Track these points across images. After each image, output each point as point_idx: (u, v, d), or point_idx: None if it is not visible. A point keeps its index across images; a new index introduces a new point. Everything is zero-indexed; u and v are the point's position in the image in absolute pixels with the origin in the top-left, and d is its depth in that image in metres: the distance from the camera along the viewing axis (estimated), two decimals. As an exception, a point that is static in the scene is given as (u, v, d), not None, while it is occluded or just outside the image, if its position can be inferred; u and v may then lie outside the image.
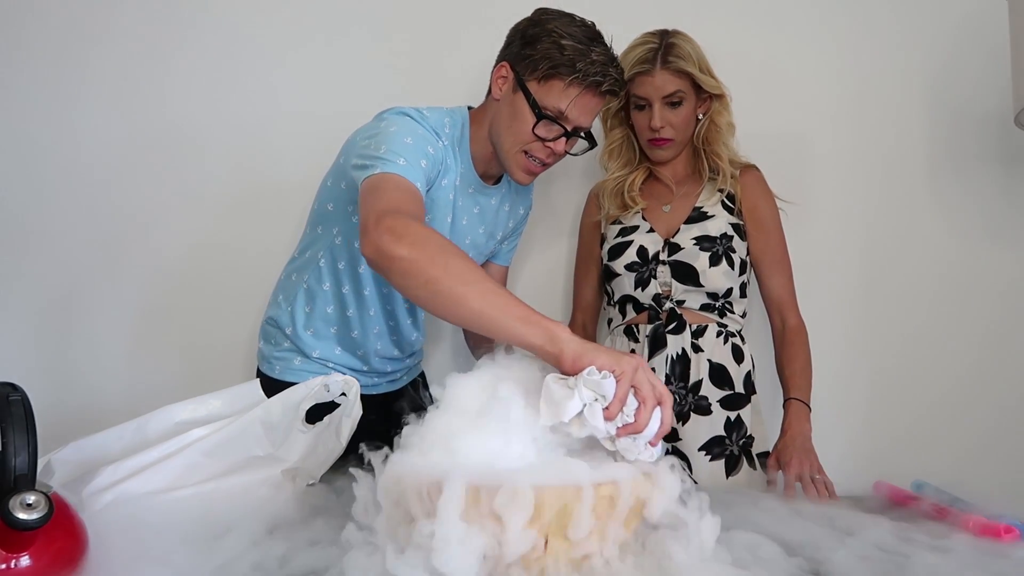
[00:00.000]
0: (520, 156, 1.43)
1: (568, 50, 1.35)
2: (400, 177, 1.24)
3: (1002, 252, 2.00)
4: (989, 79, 1.96)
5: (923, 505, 1.24)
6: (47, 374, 1.83)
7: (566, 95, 1.37)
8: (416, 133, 1.35)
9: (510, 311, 0.99)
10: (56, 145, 1.88)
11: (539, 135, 1.40)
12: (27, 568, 0.73)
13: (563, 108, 1.37)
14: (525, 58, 1.39)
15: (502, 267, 1.76)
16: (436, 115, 1.44)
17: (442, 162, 1.41)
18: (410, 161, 1.28)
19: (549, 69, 1.36)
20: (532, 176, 1.48)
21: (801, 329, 1.67)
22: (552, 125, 1.39)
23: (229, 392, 1.13)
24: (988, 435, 1.96)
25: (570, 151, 1.46)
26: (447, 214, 1.48)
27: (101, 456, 1.02)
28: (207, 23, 1.93)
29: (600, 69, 1.36)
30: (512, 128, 1.41)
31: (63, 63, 1.89)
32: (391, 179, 1.23)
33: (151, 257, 1.90)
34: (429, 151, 1.35)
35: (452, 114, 1.48)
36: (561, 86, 1.36)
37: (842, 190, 2.00)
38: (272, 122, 1.93)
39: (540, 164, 1.45)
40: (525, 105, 1.39)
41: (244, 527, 0.92)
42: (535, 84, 1.38)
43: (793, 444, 1.51)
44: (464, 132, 1.49)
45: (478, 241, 1.59)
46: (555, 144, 1.41)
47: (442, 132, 1.43)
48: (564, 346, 0.94)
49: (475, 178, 1.52)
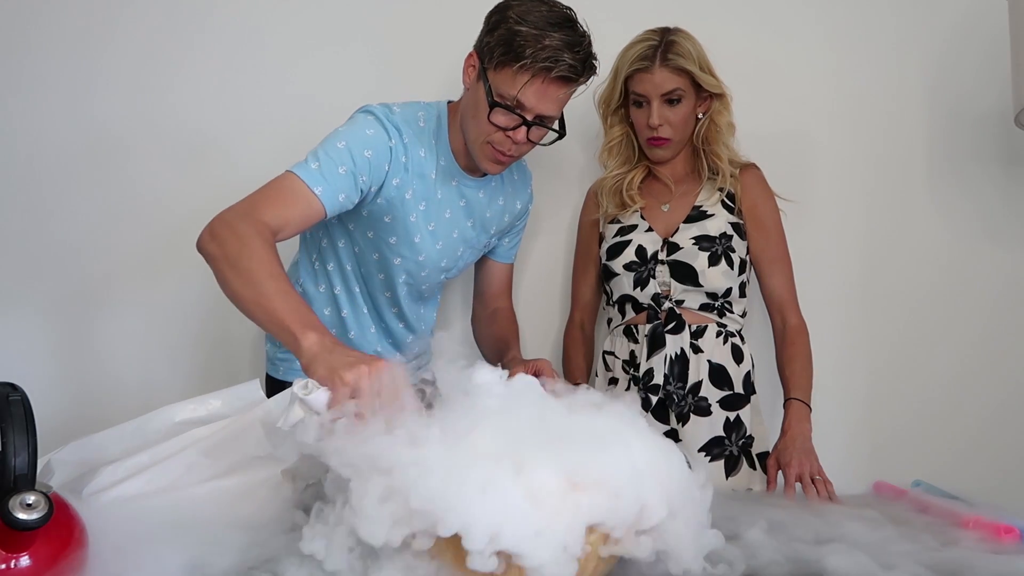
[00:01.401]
0: (486, 146, 1.40)
1: (521, 36, 1.31)
2: (296, 179, 1.29)
3: (1002, 252, 2.00)
4: (989, 79, 1.96)
5: (923, 505, 1.24)
6: (47, 374, 1.83)
7: (517, 81, 1.32)
8: (360, 135, 1.36)
9: (272, 317, 1.06)
10: (63, 143, 1.88)
11: (496, 124, 1.36)
12: (27, 568, 0.73)
13: (515, 94, 1.33)
14: (485, 45, 1.36)
15: (505, 265, 1.74)
16: (408, 111, 1.43)
17: (391, 161, 1.39)
18: (324, 166, 1.30)
19: (502, 56, 1.32)
20: (500, 166, 1.45)
21: (802, 329, 1.67)
22: (509, 114, 1.35)
23: (229, 392, 1.13)
24: (988, 435, 1.96)
25: (536, 141, 1.43)
26: (410, 212, 1.46)
27: (101, 456, 1.02)
28: (212, 23, 1.92)
29: (552, 54, 1.30)
30: (475, 118, 1.39)
31: (69, 62, 1.88)
32: (284, 180, 1.29)
33: (154, 257, 1.90)
34: (365, 154, 1.35)
35: (427, 108, 1.47)
36: (511, 72, 1.32)
37: (842, 189, 2.00)
38: (277, 119, 1.92)
39: (506, 155, 1.42)
40: (484, 94, 1.36)
41: (244, 527, 0.92)
42: (492, 72, 1.35)
43: (793, 445, 1.51)
44: (441, 124, 1.47)
45: (467, 234, 1.57)
46: (514, 133, 1.37)
47: (407, 127, 1.41)
48: (301, 355, 0.99)
49: (457, 170, 1.50)
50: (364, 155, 1.35)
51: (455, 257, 1.57)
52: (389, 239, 1.47)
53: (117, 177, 1.89)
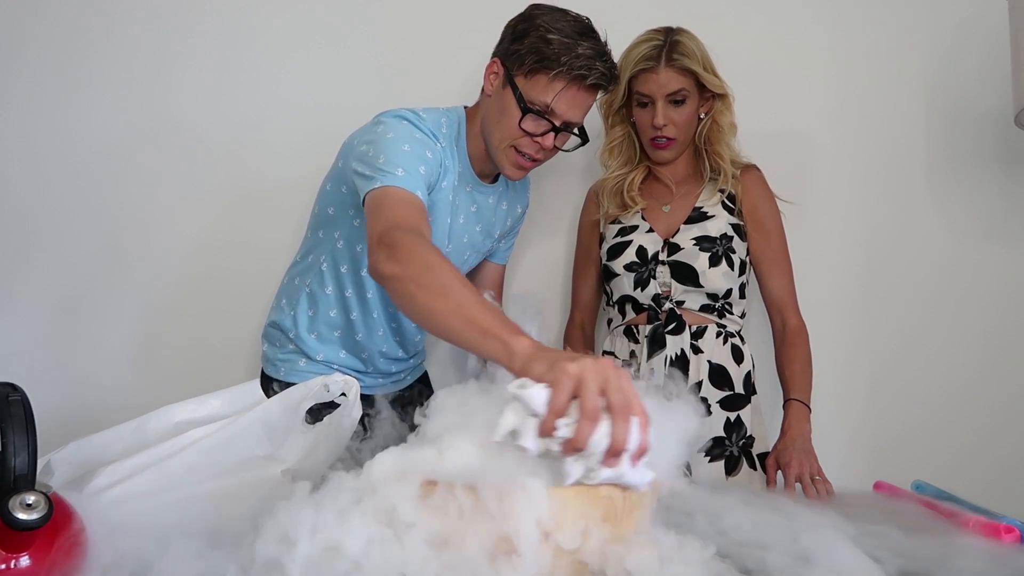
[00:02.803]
0: (510, 151, 1.44)
1: (554, 44, 1.35)
2: (400, 189, 1.26)
3: (1002, 252, 2.00)
4: (989, 79, 1.97)
5: (923, 506, 1.23)
6: (47, 374, 1.83)
7: (551, 89, 1.37)
8: (413, 139, 1.36)
9: (475, 326, 0.98)
10: (58, 145, 1.88)
11: (526, 130, 1.41)
12: (27, 568, 0.73)
13: (548, 102, 1.38)
14: (513, 53, 1.40)
15: (499, 266, 1.76)
16: (433, 116, 1.45)
17: (440, 164, 1.42)
18: (408, 170, 1.29)
19: (535, 63, 1.37)
20: (523, 171, 1.48)
21: (802, 330, 1.67)
22: (539, 120, 1.40)
23: (229, 392, 1.13)
24: (988, 435, 1.96)
25: (560, 147, 1.46)
26: (447, 215, 1.48)
27: (101, 456, 1.01)
28: (209, 23, 1.92)
29: (586, 63, 1.35)
30: (501, 123, 1.42)
31: (65, 63, 1.89)
32: (391, 193, 1.26)
33: (153, 257, 1.90)
34: (427, 156, 1.37)
35: (448, 114, 1.49)
36: (546, 80, 1.37)
37: (842, 190, 2.00)
38: (274, 120, 1.93)
39: (530, 160, 1.45)
40: (513, 100, 1.40)
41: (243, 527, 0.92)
42: (522, 79, 1.39)
43: (793, 445, 1.51)
44: (461, 131, 1.49)
45: (475, 239, 1.59)
46: (543, 139, 1.41)
47: (439, 133, 1.44)
48: (514, 359, 0.90)
49: (472, 176, 1.53)
50: (427, 156, 1.37)
51: (462, 261, 1.59)
52: None
53: (117, 177, 1.90)
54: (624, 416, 0.78)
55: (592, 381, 0.78)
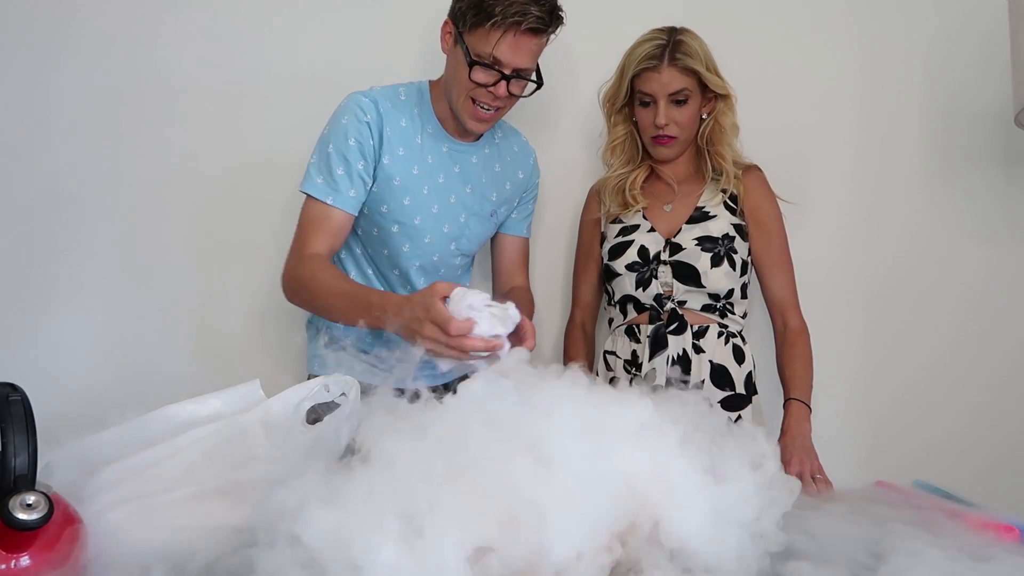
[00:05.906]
0: (467, 104, 1.50)
1: None
2: (313, 201, 1.48)
3: (1002, 252, 2.00)
4: (988, 79, 1.97)
5: (924, 505, 1.23)
6: (47, 374, 1.82)
7: (491, 39, 1.43)
8: (337, 132, 1.49)
9: (353, 310, 1.28)
10: (59, 140, 1.87)
11: (477, 81, 1.46)
12: (27, 568, 0.73)
13: (491, 51, 1.43)
14: (458, 11, 1.47)
15: (516, 238, 1.75)
16: (388, 89, 1.55)
17: (377, 134, 1.50)
18: (326, 176, 1.47)
19: (474, 17, 1.43)
20: (484, 124, 1.54)
21: (803, 330, 1.67)
22: (488, 70, 1.45)
23: (229, 392, 1.13)
24: (988, 435, 1.96)
25: (517, 94, 1.51)
26: (423, 176, 1.55)
27: (101, 456, 1.01)
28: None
29: (519, 8, 1.41)
30: (455, 78, 1.50)
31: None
32: (307, 208, 1.49)
33: (153, 257, 1.89)
34: (350, 144, 1.48)
35: (408, 85, 1.59)
36: (485, 31, 1.43)
37: (843, 190, 2.00)
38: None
39: (487, 110, 1.50)
40: (462, 55, 1.46)
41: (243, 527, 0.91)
42: (468, 34, 1.46)
43: (793, 444, 1.51)
44: (423, 96, 1.58)
45: (466, 200, 1.61)
46: (495, 88, 1.47)
47: (385, 100, 1.52)
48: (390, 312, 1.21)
49: (446, 136, 1.58)
50: (349, 145, 1.48)
51: (458, 224, 1.61)
52: (380, 208, 1.54)
53: (117, 177, 1.89)
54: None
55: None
